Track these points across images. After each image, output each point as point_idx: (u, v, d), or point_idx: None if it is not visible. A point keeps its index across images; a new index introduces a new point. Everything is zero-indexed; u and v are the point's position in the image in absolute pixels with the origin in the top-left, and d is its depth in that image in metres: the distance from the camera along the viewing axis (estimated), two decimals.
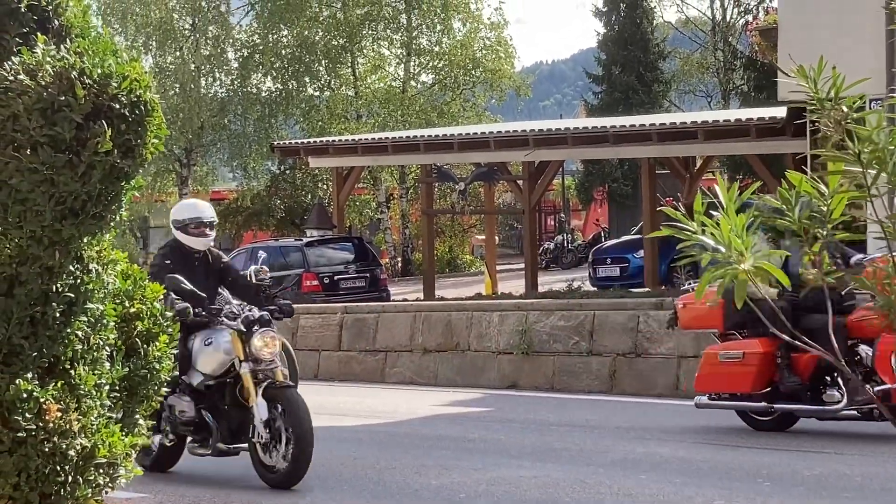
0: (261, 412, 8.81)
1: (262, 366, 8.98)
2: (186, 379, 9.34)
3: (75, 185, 5.26)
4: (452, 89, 41.42)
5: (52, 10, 5.78)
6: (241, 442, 9.08)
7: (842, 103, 4.08)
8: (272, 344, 9.04)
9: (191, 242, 9.68)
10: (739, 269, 4.13)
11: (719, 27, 46.11)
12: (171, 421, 9.37)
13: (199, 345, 9.32)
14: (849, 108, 4.07)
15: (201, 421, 9.28)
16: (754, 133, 20.45)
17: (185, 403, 9.32)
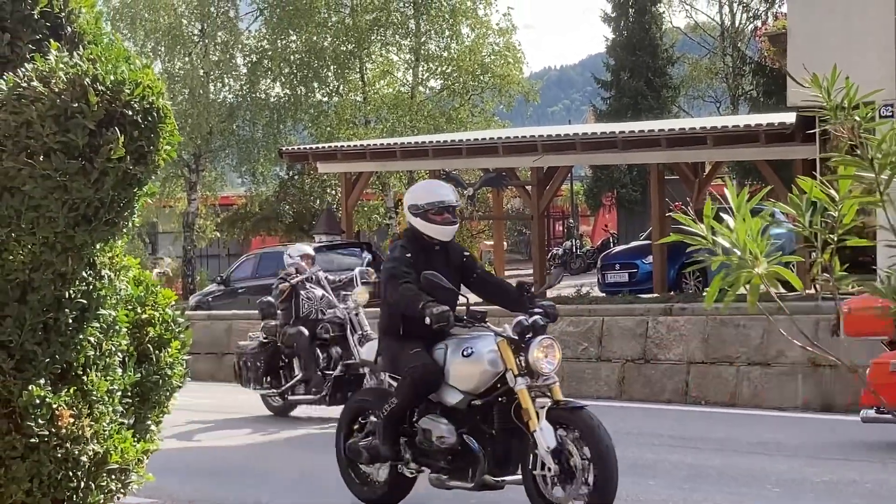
0: (546, 439, 7.16)
1: (539, 381, 7.38)
2: (436, 397, 7.73)
3: (88, 191, 5.28)
4: (461, 95, 41.43)
5: (64, 17, 5.81)
6: (510, 472, 7.51)
7: (855, 113, 4.08)
8: (552, 354, 7.46)
9: (432, 232, 8.06)
10: (754, 273, 4.13)
11: (728, 32, 46.08)
12: (422, 448, 7.79)
13: (454, 355, 7.68)
14: (861, 118, 4.07)
15: (464, 448, 7.59)
16: (763, 139, 20.44)
17: (443, 427, 7.65)
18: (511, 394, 7.39)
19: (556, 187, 26.15)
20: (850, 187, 4.23)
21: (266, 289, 27.05)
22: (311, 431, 12.65)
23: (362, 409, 8.52)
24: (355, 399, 8.91)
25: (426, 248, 8.04)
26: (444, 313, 7.34)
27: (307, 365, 13.22)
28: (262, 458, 10.81)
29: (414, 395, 7.76)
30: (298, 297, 13.60)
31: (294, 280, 13.52)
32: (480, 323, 7.71)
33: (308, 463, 10.41)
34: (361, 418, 8.49)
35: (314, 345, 13.27)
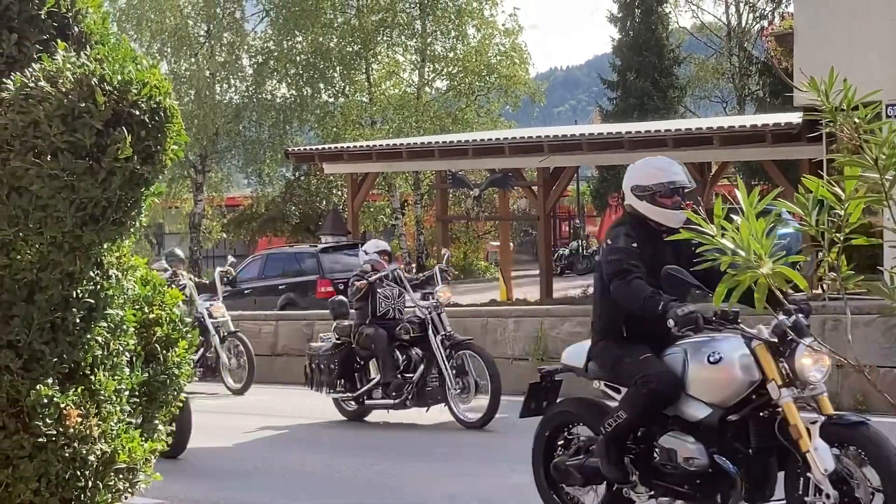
0: (823, 461, 5.99)
1: (806, 391, 6.29)
2: (672, 410, 6.64)
3: (95, 191, 5.28)
4: (467, 95, 41.47)
5: (71, 17, 5.82)
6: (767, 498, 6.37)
7: (855, 114, 4.09)
8: (822, 360, 6.33)
9: (661, 217, 6.83)
10: (758, 273, 4.14)
11: (734, 32, 46.08)
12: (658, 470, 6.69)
13: (697, 362, 6.59)
14: (861, 118, 4.08)
15: (715, 470, 6.47)
16: (770, 139, 20.45)
17: (691, 447, 6.51)
18: (771, 406, 6.34)
19: (562, 188, 26.18)
20: (855, 187, 4.23)
21: (273, 289, 27.19)
22: (316, 432, 12.66)
23: (566, 423, 7.40)
24: (555, 411, 7.53)
25: (653, 235, 6.86)
26: (692, 315, 6.34)
27: (386, 367, 12.58)
28: (268, 459, 10.82)
29: (649, 408, 6.68)
30: (375, 295, 12.94)
31: (372, 277, 12.80)
32: (733, 325, 6.66)
33: (317, 463, 10.42)
34: (567, 433, 7.38)
35: (393, 346, 12.67)
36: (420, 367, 12.48)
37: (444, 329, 12.40)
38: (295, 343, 18.58)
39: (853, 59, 15.15)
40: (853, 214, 4.17)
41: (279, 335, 18.88)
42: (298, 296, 26.30)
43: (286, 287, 26.82)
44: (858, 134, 4.14)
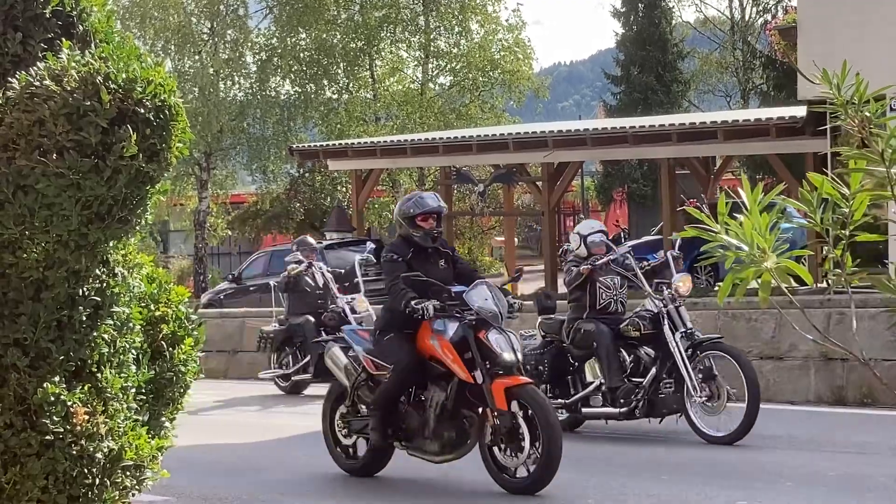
0: None
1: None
2: None
3: (101, 189, 5.30)
4: (471, 91, 41.43)
5: (76, 16, 5.83)
6: None
7: (865, 109, 4.09)
8: None
9: None
10: (763, 268, 4.14)
11: (738, 26, 46.03)
12: None
13: None
14: (872, 113, 4.08)
15: None
16: (774, 133, 20.42)
17: None
18: None
19: (566, 183, 26.15)
20: (861, 182, 4.23)
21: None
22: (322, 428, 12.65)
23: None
24: None
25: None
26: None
27: (610, 370, 10.75)
28: (275, 455, 10.84)
29: None
30: (594, 284, 11.07)
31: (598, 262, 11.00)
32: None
33: (322, 459, 10.43)
34: None
35: (618, 344, 10.85)
36: (652, 369, 10.68)
37: (685, 325, 10.61)
38: None
39: (857, 53, 15.13)
40: (858, 211, 4.18)
41: None
42: None
43: None
44: (867, 128, 4.15)
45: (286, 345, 15.89)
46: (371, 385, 9.23)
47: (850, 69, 4.19)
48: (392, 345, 8.92)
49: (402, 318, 8.81)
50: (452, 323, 8.62)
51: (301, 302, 15.83)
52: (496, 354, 8.42)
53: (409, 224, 9.09)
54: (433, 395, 8.70)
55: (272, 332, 16.08)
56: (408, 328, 8.87)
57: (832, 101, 4.15)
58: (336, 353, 9.56)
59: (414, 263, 8.97)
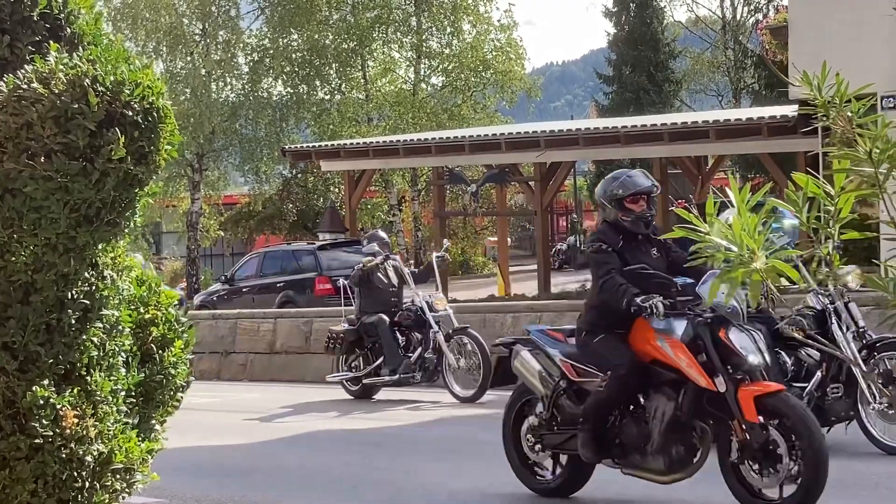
0: None
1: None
2: None
3: (89, 192, 5.28)
4: (463, 91, 41.46)
5: (64, 19, 5.82)
6: None
7: (848, 108, 4.10)
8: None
9: None
10: (752, 268, 4.14)
11: (729, 26, 46.11)
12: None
13: None
14: (854, 112, 4.08)
15: None
16: (766, 132, 20.45)
17: None
18: None
19: (559, 182, 26.18)
20: (846, 181, 4.24)
21: (271, 287, 27.18)
22: (315, 429, 12.66)
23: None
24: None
25: None
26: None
27: None
28: (268, 457, 10.83)
29: None
30: None
31: None
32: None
33: (315, 460, 10.43)
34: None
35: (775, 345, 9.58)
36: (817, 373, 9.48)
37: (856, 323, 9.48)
38: (293, 341, 18.59)
39: (848, 52, 15.16)
40: (844, 209, 4.18)
41: (278, 333, 18.90)
42: (296, 293, 26.30)
43: (284, 285, 26.83)
44: (852, 127, 4.15)
45: (356, 346, 14.88)
46: (573, 394, 8.13)
47: (839, 69, 4.20)
48: (606, 348, 7.86)
49: (611, 317, 7.82)
50: (679, 321, 7.53)
51: (373, 299, 14.75)
52: (740, 357, 7.34)
53: (616, 207, 7.99)
54: (658, 405, 7.62)
55: (342, 332, 14.96)
56: (618, 328, 7.85)
57: (813, 103, 4.16)
58: (527, 358, 8.39)
59: (625, 254, 7.90)
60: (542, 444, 8.27)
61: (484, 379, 13.35)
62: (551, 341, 8.38)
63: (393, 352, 14.26)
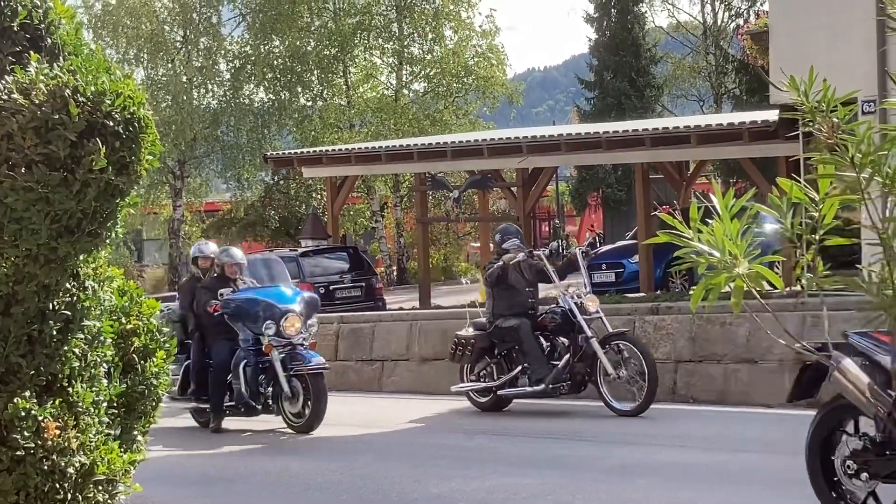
0: None
1: None
2: None
3: (70, 202, 5.27)
4: (445, 97, 41.47)
5: (44, 29, 5.79)
6: None
7: (833, 114, 4.11)
8: None
9: None
10: (735, 274, 4.15)
11: (710, 31, 46.21)
12: None
13: None
14: (840, 119, 4.10)
15: None
16: (747, 137, 20.49)
17: None
18: None
19: (541, 188, 26.18)
20: (830, 187, 4.25)
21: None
22: (297, 437, 12.63)
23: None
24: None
25: None
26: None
27: None
28: (252, 465, 10.80)
29: None
30: None
31: None
32: None
33: (297, 467, 10.41)
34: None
35: None
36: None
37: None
38: None
39: (828, 57, 15.21)
40: (828, 215, 4.19)
41: None
42: None
43: None
44: (836, 133, 4.16)
45: (486, 353, 13.51)
46: None
47: (819, 74, 4.21)
48: None
49: None
50: None
51: (508, 301, 13.30)
52: None
53: None
54: None
55: (472, 337, 13.55)
56: None
57: (800, 108, 4.17)
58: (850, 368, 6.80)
59: None
60: (868, 471, 6.87)
61: (650, 391, 12.27)
62: (881, 347, 6.78)
63: (539, 360, 12.97)
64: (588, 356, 12.76)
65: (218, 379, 13.11)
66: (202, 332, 13.50)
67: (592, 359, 12.70)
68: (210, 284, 13.54)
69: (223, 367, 13.09)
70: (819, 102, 4.15)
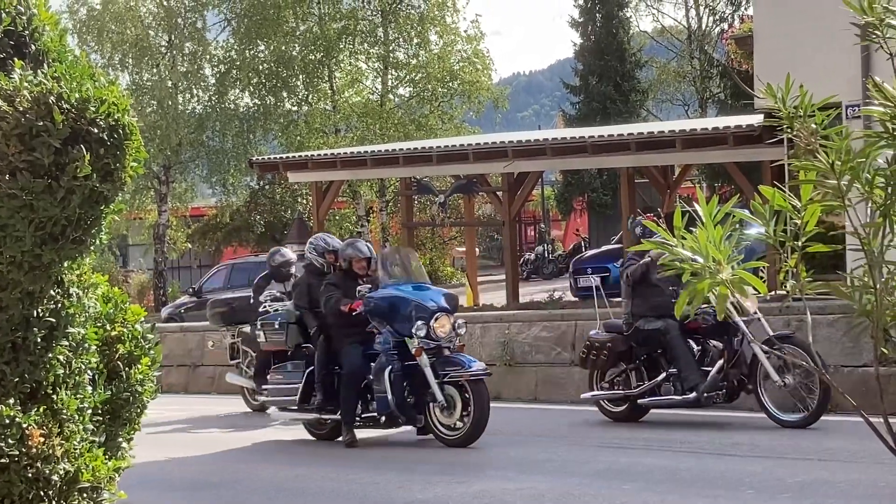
0: None
1: None
2: None
3: (55, 209, 5.26)
4: (430, 102, 41.46)
5: (28, 35, 5.78)
6: None
7: (812, 120, 4.13)
8: None
9: None
10: (718, 280, 4.16)
11: (695, 36, 46.30)
12: None
13: None
14: (818, 124, 4.11)
15: None
16: (732, 141, 20.52)
17: None
18: None
19: (526, 192, 26.18)
20: (813, 192, 4.27)
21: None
22: (282, 442, 12.62)
23: None
24: None
25: None
26: None
27: None
28: (238, 470, 10.79)
29: None
30: None
31: None
32: None
33: (284, 473, 10.40)
34: None
35: None
36: None
37: None
38: None
39: (813, 62, 15.26)
40: (810, 222, 4.21)
41: None
42: None
43: None
44: (815, 139, 4.18)
45: (623, 358, 12.54)
46: None
47: (804, 78, 4.23)
48: None
49: None
50: None
51: (650, 300, 12.31)
52: None
53: None
54: None
55: (607, 340, 12.57)
56: None
57: (777, 114, 4.19)
58: None
59: None
60: None
61: (821, 402, 11.25)
62: None
63: (690, 365, 11.97)
64: (743, 361, 11.82)
65: (351, 387, 11.85)
66: (327, 334, 12.29)
67: (750, 364, 11.72)
68: (337, 281, 12.26)
69: (356, 374, 11.88)
70: (796, 108, 4.17)
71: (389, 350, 11.60)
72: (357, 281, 12.18)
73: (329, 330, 12.21)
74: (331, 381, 12.14)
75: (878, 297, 4.08)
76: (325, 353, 12.19)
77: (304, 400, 12.27)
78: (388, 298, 11.77)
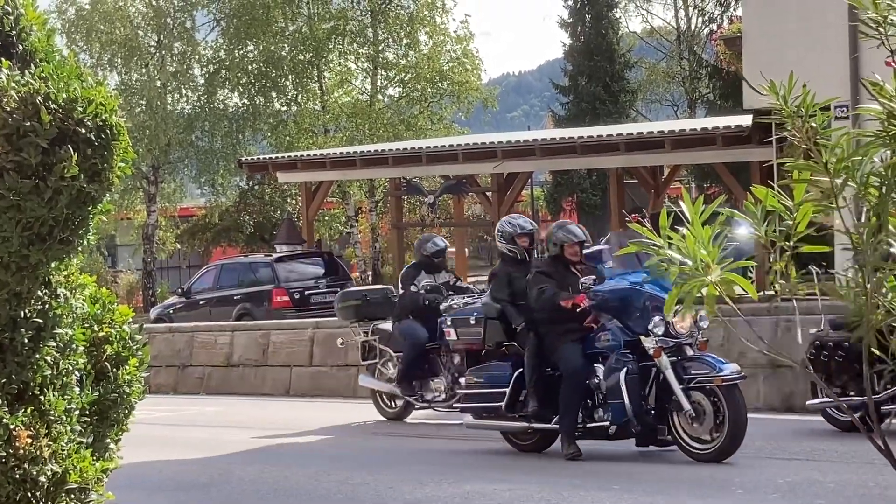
0: None
1: None
2: None
3: (42, 210, 5.23)
4: (419, 102, 41.46)
5: (15, 35, 5.76)
6: None
7: (812, 120, 4.12)
8: None
9: None
10: (706, 281, 4.16)
11: (684, 36, 46.38)
12: None
13: None
14: (818, 124, 4.11)
15: None
16: (721, 141, 20.58)
17: None
18: None
19: (516, 193, 26.22)
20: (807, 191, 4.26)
21: (228, 299, 27.00)
22: (272, 442, 12.60)
23: None
24: None
25: None
26: None
27: None
28: (225, 471, 10.76)
29: None
30: None
31: None
32: None
33: (274, 474, 10.38)
34: None
35: None
36: None
37: None
38: (251, 354, 18.51)
39: (801, 62, 15.27)
40: (802, 223, 4.20)
41: (235, 346, 18.81)
42: (254, 306, 26.21)
43: (241, 297, 26.71)
44: (811, 138, 4.17)
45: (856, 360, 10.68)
46: None
47: (795, 79, 4.22)
48: None
49: None
50: None
51: None
52: None
53: None
54: None
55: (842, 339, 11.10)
56: None
57: (778, 112, 4.18)
58: None
59: None
60: None
61: None
62: None
63: None
64: None
65: (572, 392, 10.27)
66: (536, 331, 10.68)
67: None
68: (549, 270, 10.75)
69: (578, 377, 10.28)
70: (797, 108, 4.16)
71: (620, 349, 10.16)
72: (569, 269, 10.70)
73: (539, 326, 10.60)
74: (544, 385, 10.55)
75: (868, 298, 4.08)
76: (537, 354, 10.59)
77: (512, 406, 10.70)
78: (618, 291, 10.32)
